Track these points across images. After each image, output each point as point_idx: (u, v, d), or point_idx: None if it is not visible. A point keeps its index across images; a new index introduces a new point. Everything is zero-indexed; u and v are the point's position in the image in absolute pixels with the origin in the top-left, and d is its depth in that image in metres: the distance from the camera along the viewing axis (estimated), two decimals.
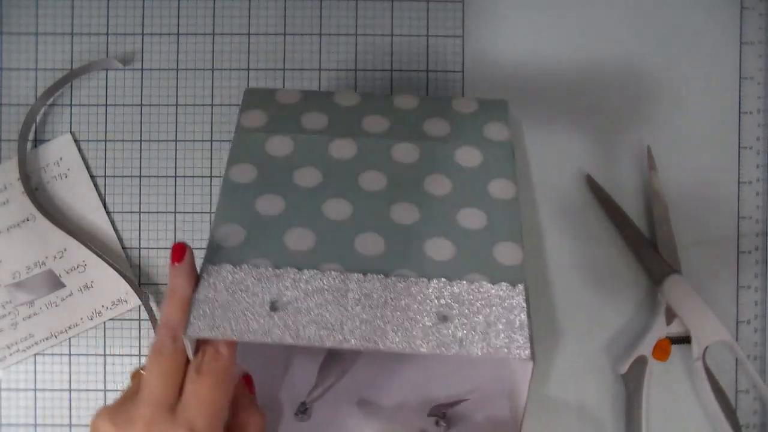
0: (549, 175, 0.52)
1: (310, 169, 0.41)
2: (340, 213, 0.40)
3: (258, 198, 0.40)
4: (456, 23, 0.52)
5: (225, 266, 0.37)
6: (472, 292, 0.37)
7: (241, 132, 0.43)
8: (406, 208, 0.40)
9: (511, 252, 0.39)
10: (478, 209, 0.40)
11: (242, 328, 0.35)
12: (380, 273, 0.37)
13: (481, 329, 0.35)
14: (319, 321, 0.35)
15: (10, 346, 0.51)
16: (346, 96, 0.46)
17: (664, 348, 0.49)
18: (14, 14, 0.52)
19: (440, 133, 0.43)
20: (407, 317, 0.36)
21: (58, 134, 0.52)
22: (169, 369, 0.34)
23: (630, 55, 0.52)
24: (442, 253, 0.38)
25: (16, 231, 0.51)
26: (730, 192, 0.52)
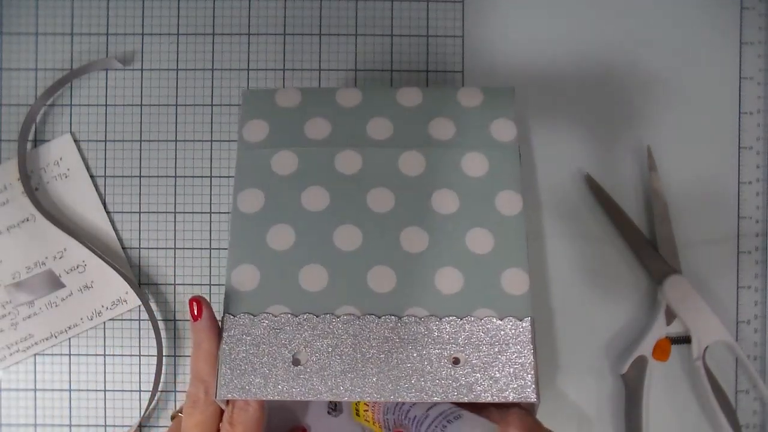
0: (549, 175, 0.52)
1: (317, 189, 0.41)
2: (351, 243, 0.40)
3: (269, 230, 0.40)
4: (456, 23, 0.52)
5: (244, 318, 0.38)
6: (482, 331, 0.38)
7: (245, 148, 0.43)
8: (415, 233, 0.40)
9: (518, 279, 0.40)
10: (485, 229, 0.41)
11: (267, 387, 0.37)
12: (393, 314, 0.38)
13: (490, 372, 0.37)
14: (339, 375, 0.37)
15: (10, 346, 0.51)
16: (347, 94, 0.45)
17: (664, 348, 0.49)
18: (14, 14, 0.52)
19: (446, 136, 0.43)
20: (421, 363, 0.37)
21: (58, 134, 0.52)
22: (202, 420, 0.37)
23: (630, 55, 0.52)
24: (452, 285, 0.39)
25: (16, 231, 0.51)
26: (730, 192, 0.52)
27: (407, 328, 0.38)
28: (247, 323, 0.38)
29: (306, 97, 0.45)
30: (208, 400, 0.37)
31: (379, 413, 0.40)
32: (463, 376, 0.37)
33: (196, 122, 0.52)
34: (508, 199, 0.41)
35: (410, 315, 0.39)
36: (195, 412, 0.37)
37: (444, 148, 0.43)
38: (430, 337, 0.38)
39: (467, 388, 0.37)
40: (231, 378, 0.37)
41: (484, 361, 0.37)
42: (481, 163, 0.42)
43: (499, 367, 0.37)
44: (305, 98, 0.45)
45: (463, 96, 0.44)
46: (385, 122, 0.44)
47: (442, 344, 0.38)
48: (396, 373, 0.37)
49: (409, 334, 0.38)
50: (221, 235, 0.52)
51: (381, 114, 0.44)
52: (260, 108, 0.44)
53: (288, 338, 0.38)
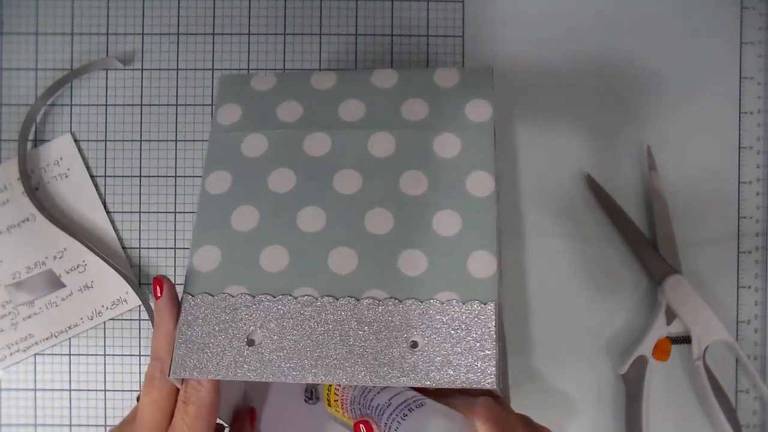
0: (549, 175, 0.52)
1: (283, 171, 0.41)
2: (314, 224, 0.39)
3: (233, 211, 0.40)
4: (456, 23, 0.52)
5: (202, 297, 0.38)
6: (443, 315, 0.37)
7: (217, 131, 0.43)
8: (381, 215, 0.39)
9: (485, 262, 0.38)
10: (454, 211, 0.39)
11: (221, 366, 0.36)
12: (352, 296, 0.37)
13: (450, 356, 0.36)
14: (294, 357, 0.36)
15: (10, 346, 0.51)
16: (322, 77, 0.44)
17: (664, 348, 0.49)
18: (14, 14, 0.52)
19: (418, 117, 0.42)
20: (379, 346, 0.36)
21: (58, 134, 0.52)
22: (159, 398, 0.37)
23: (630, 55, 0.52)
24: (415, 268, 0.38)
25: (16, 231, 0.51)
26: (730, 192, 0.52)
27: (365, 311, 0.37)
28: (205, 303, 0.38)
29: (280, 80, 0.44)
30: (164, 379, 0.37)
31: (347, 403, 0.39)
32: (421, 361, 0.36)
33: (195, 122, 0.52)
34: (480, 180, 0.40)
35: (369, 297, 0.37)
36: (151, 389, 0.37)
37: (416, 129, 0.42)
38: (388, 320, 0.37)
39: (424, 373, 0.35)
40: (185, 357, 0.36)
41: (443, 345, 0.36)
42: (454, 144, 0.41)
43: (459, 352, 0.36)
44: (280, 82, 0.44)
45: (439, 77, 0.43)
46: (357, 104, 0.43)
47: (400, 327, 0.36)
48: (351, 356, 0.36)
49: (367, 316, 0.37)
50: None
51: (354, 96, 0.43)
52: (235, 92, 0.44)
53: (244, 319, 0.37)
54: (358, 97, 0.43)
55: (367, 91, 0.43)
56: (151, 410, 0.37)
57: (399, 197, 0.40)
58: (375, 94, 0.43)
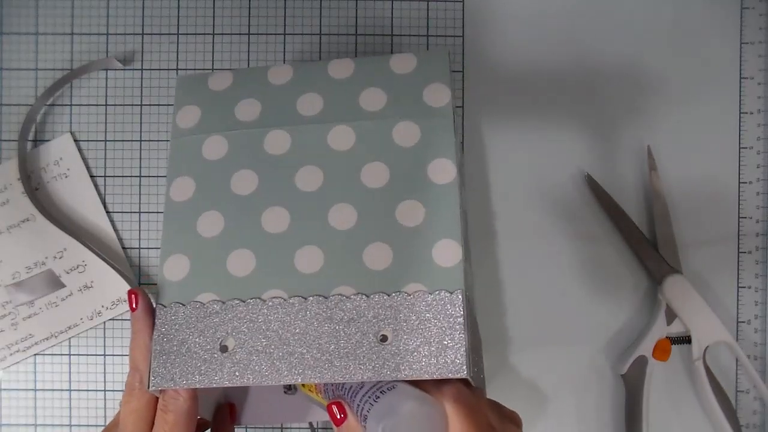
0: (549, 175, 0.52)
1: (245, 173, 0.41)
2: (278, 224, 0.40)
3: (198, 217, 0.40)
4: (456, 23, 0.52)
5: (174, 307, 0.39)
6: (411, 307, 0.37)
7: (177, 135, 0.43)
8: (344, 209, 0.40)
9: (450, 251, 0.38)
10: (416, 201, 0.39)
11: (196, 375, 0.37)
12: (320, 294, 0.38)
13: (419, 348, 0.36)
14: (267, 360, 0.37)
15: (10, 346, 0.51)
16: (279, 72, 0.44)
17: (664, 348, 0.49)
18: (14, 14, 0.52)
19: (377, 107, 0.42)
20: (349, 342, 0.37)
21: (58, 134, 0.52)
22: (139, 407, 0.38)
23: (630, 55, 0.52)
24: (380, 261, 0.38)
25: (16, 231, 0.51)
26: (730, 192, 0.52)
27: (334, 308, 0.37)
28: (177, 313, 0.38)
29: (237, 78, 0.44)
30: (143, 389, 0.38)
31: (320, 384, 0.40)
32: (392, 354, 0.36)
33: None
34: (441, 167, 0.40)
35: (337, 294, 0.38)
36: (132, 399, 0.38)
37: (374, 120, 0.42)
38: (357, 316, 0.37)
39: (395, 366, 0.36)
40: (161, 369, 0.37)
41: (413, 337, 0.36)
42: (413, 133, 0.41)
43: (429, 343, 0.36)
44: (237, 79, 0.44)
45: (395, 63, 0.43)
46: (315, 97, 0.43)
47: (369, 322, 0.37)
48: (322, 355, 0.36)
49: (336, 313, 0.37)
50: None
51: (311, 89, 0.43)
52: (193, 93, 0.44)
53: (215, 325, 0.38)
54: (315, 91, 0.43)
55: (324, 83, 0.43)
56: (132, 419, 0.38)
57: (361, 190, 0.40)
58: (332, 85, 0.43)
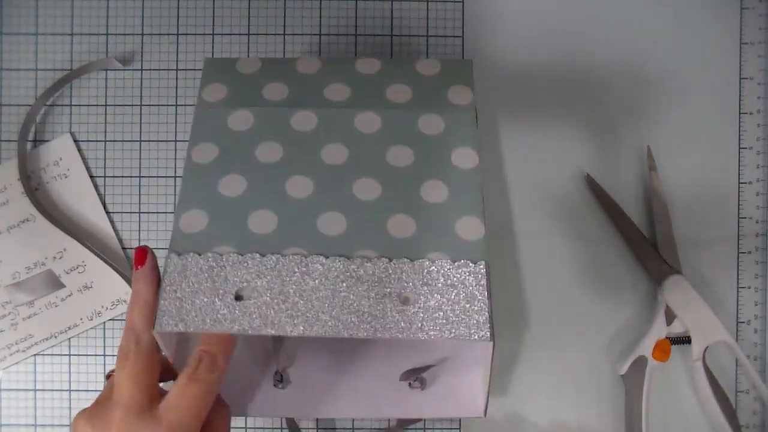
0: (549, 175, 0.52)
1: (271, 144, 0.41)
2: (302, 191, 0.40)
3: (220, 179, 0.40)
4: (456, 23, 0.52)
5: (189, 255, 0.38)
6: (433, 272, 0.37)
7: (202, 107, 0.43)
8: (368, 183, 0.40)
9: (473, 227, 0.39)
10: (440, 181, 0.40)
11: (208, 319, 0.36)
12: (342, 255, 0.37)
13: (442, 311, 0.36)
14: (283, 310, 0.36)
15: (10, 346, 0.51)
16: (307, 62, 0.45)
17: (664, 348, 0.49)
18: (14, 14, 0.52)
19: (402, 99, 0.43)
20: (370, 302, 0.36)
21: (57, 134, 0.52)
22: (135, 372, 0.35)
23: (630, 55, 0.52)
24: (404, 230, 0.38)
25: (16, 231, 0.51)
26: (730, 192, 0.52)
27: (357, 268, 0.37)
28: (192, 261, 0.37)
29: (266, 64, 0.45)
30: (140, 351, 0.35)
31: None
32: (414, 316, 0.36)
33: None
34: (464, 155, 0.41)
35: (360, 256, 0.38)
36: (127, 363, 0.35)
37: (400, 110, 0.42)
38: (379, 277, 0.37)
39: (418, 326, 0.36)
40: (170, 311, 0.36)
41: (436, 301, 0.36)
42: (437, 124, 0.42)
43: (453, 306, 0.36)
44: (265, 65, 0.44)
45: (421, 66, 0.44)
46: (342, 87, 0.43)
47: (391, 284, 0.37)
48: (342, 312, 0.36)
49: (358, 274, 0.37)
50: None
51: (339, 80, 0.43)
52: (220, 73, 0.44)
53: (232, 275, 0.37)
54: (342, 82, 0.43)
55: (351, 76, 0.44)
56: (128, 385, 0.35)
57: (386, 168, 0.40)
58: (359, 79, 0.44)
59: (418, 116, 0.42)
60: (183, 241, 0.38)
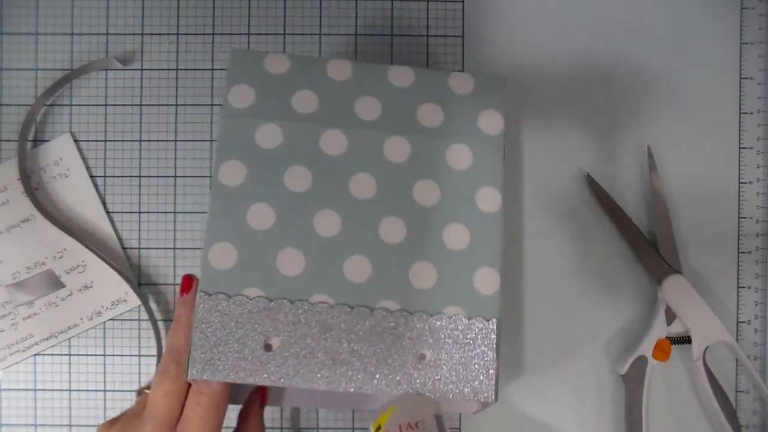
0: (549, 175, 0.52)
1: (299, 169, 0.41)
2: (330, 228, 0.40)
3: (249, 207, 0.40)
4: (456, 23, 0.52)
5: (219, 297, 0.39)
6: (449, 329, 0.39)
7: (229, 115, 0.42)
8: (394, 224, 0.41)
9: (490, 279, 0.40)
10: (463, 225, 0.41)
11: (239, 371, 0.37)
12: (366, 305, 0.39)
13: (453, 369, 0.39)
14: (310, 364, 0.38)
15: (10, 346, 0.51)
16: (338, 67, 0.44)
17: (664, 348, 0.49)
18: (14, 14, 0.52)
19: (433, 123, 0.43)
20: (390, 356, 0.39)
21: (58, 134, 0.52)
22: (172, 390, 0.37)
23: (630, 55, 0.52)
24: (425, 281, 0.40)
25: (16, 231, 0.51)
26: (730, 192, 0.52)
27: (378, 321, 0.39)
28: (222, 304, 0.38)
29: (295, 64, 0.43)
30: (179, 371, 0.37)
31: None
32: (428, 373, 0.39)
33: (195, 122, 0.52)
34: (489, 196, 0.42)
35: (382, 308, 0.39)
36: (165, 381, 0.37)
37: (430, 137, 0.43)
38: (399, 332, 0.39)
39: (431, 385, 0.38)
40: (201, 358, 0.37)
41: (449, 358, 0.39)
42: (466, 156, 0.42)
43: (464, 365, 0.39)
44: (294, 65, 0.43)
45: (454, 81, 0.44)
46: (373, 102, 0.43)
47: (411, 340, 0.39)
48: (363, 365, 0.38)
49: (380, 326, 0.39)
50: None
51: (370, 93, 0.43)
52: (247, 71, 0.43)
53: (261, 322, 0.38)
54: (374, 95, 0.43)
55: (383, 88, 0.43)
56: (163, 402, 0.37)
57: (412, 206, 0.41)
58: (391, 92, 0.43)
59: (447, 146, 0.42)
60: (212, 278, 0.39)
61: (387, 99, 0.43)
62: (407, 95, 0.43)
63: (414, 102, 0.43)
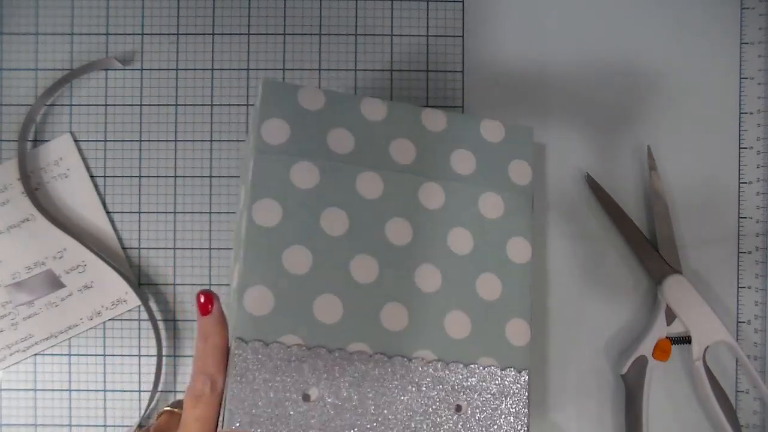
0: (549, 175, 0.52)
1: (336, 211, 0.40)
2: (367, 275, 0.40)
3: (285, 250, 0.39)
4: (456, 23, 0.52)
5: (256, 345, 0.37)
6: (484, 380, 0.40)
7: (264, 151, 0.40)
8: (430, 271, 0.41)
9: (521, 331, 0.41)
10: (495, 275, 0.42)
11: (276, 421, 0.37)
12: (403, 355, 0.39)
13: (489, 420, 0.40)
14: (347, 414, 0.38)
15: (10, 346, 0.51)
16: (372, 106, 0.43)
17: (664, 348, 0.49)
18: (14, 14, 0.52)
19: (466, 170, 0.43)
20: (426, 407, 0.39)
21: (58, 134, 0.52)
22: (206, 415, 0.36)
23: (630, 55, 0.52)
24: (460, 330, 0.40)
25: (16, 231, 0.51)
26: (730, 192, 0.52)
27: (415, 371, 0.39)
28: (259, 351, 0.37)
29: (330, 100, 0.42)
30: (214, 395, 0.36)
31: None
32: (463, 424, 0.39)
33: (196, 122, 0.52)
34: (520, 246, 0.42)
35: (418, 357, 0.39)
36: (199, 404, 0.36)
37: (464, 184, 0.43)
38: (435, 382, 0.39)
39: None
40: (238, 410, 0.36)
41: (483, 409, 0.39)
42: (498, 206, 0.43)
43: (497, 416, 0.40)
44: (329, 102, 0.42)
45: (485, 129, 0.44)
46: (408, 145, 0.43)
47: (447, 391, 0.39)
48: (401, 416, 0.38)
49: (416, 376, 0.39)
50: (221, 235, 0.52)
51: (404, 135, 0.43)
52: (281, 105, 0.41)
53: (299, 371, 0.37)
54: (408, 138, 0.43)
55: (417, 131, 0.43)
56: (197, 427, 0.36)
57: (447, 254, 0.41)
58: (425, 136, 0.43)
59: (479, 194, 0.43)
60: (249, 324, 0.37)
61: (421, 142, 0.43)
62: (440, 139, 0.43)
63: (447, 147, 0.43)
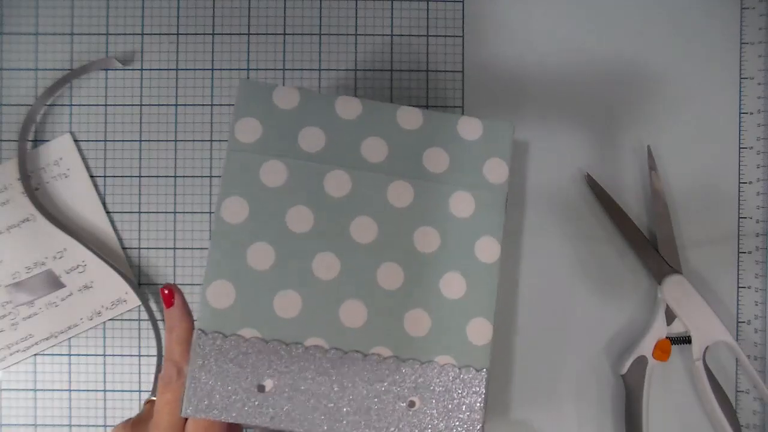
0: (549, 175, 0.52)
1: (302, 210, 0.41)
2: (328, 272, 0.40)
3: (249, 246, 0.40)
4: (456, 23, 0.52)
5: (215, 336, 0.39)
6: (440, 378, 0.40)
7: (235, 149, 0.41)
8: (393, 270, 0.41)
9: (482, 330, 0.41)
10: (460, 274, 0.41)
11: (230, 409, 0.38)
12: (359, 351, 0.40)
13: (443, 417, 0.39)
14: (302, 408, 0.39)
15: (10, 346, 0.51)
16: (347, 105, 0.43)
17: (664, 348, 0.49)
18: (14, 14, 0.52)
19: (438, 169, 0.43)
20: (381, 403, 0.39)
21: (58, 134, 0.52)
22: (175, 398, 0.39)
23: (630, 55, 0.52)
24: (419, 328, 0.40)
25: (16, 231, 0.51)
26: (730, 192, 0.52)
27: (370, 367, 0.40)
28: (218, 343, 0.39)
29: (304, 99, 0.43)
30: (180, 381, 0.39)
31: None
32: (417, 420, 0.39)
33: (196, 122, 0.52)
34: (488, 246, 0.42)
35: (375, 353, 0.40)
36: (168, 390, 0.39)
37: (434, 183, 0.42)
38: (390, 378, 0.40)
39: (419, 430, 0.39)
40: (196, 396, 0.38)
41: (438, 406, 0.40)
42: (468, 204, 0.42)
43: (452, 414, 0.39)
44: (303, 101, 0.43)
45: (462, 127, 0.43)
46: (380, 143, 0.43)
47: (400, 386, 0.40)
48: (356, 412, 0.39)
49: (371, 372, 0.39)
50: None
51: (378, 133, 0.43)
52: (255, 104, 0.42)
53: (255, 363, 0.39)
54: (381, 136, 0.43)
55: (391, 130, 0.43)
56: (167, 411, 0.39)
57: (411, 253, 0.41)
58: (399, 134, 0.43)
59: (450, 193, 0.42)
60: (210, 317, 0.39)
61: (394, 141, 0.43)
62: (414, 138, 0.43)
63: (421, 145, 0.43)
